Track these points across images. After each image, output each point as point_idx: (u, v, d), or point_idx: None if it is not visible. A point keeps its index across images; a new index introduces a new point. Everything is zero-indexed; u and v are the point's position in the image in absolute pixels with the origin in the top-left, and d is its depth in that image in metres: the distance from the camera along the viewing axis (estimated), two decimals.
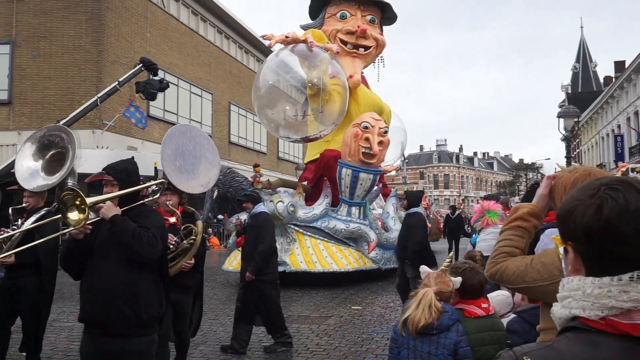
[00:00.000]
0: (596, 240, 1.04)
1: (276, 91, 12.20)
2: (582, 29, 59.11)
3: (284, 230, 10.91)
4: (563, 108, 16.50)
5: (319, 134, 11.86)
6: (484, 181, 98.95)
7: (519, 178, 70.65)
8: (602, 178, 1.13)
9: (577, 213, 1.07)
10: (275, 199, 10.58)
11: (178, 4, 25.13)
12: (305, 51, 11.35)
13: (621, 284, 1.02)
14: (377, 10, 13.60)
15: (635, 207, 1.01)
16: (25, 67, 19.38)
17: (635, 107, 30.18)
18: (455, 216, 18.51)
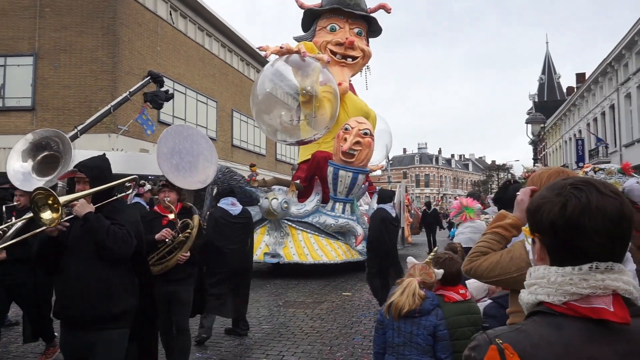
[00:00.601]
0: (560, 234, 1.06)
1: (272, 98, 12.04)
2: (547, 44, 59.72)
3: (278, 225, 10.83)
4: (530, 115, 16.59)
5: (312, 137, 11.79)
6: (460, 180, 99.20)
7: (492, 177, 70.93)
8: (568, 178, 1.14)
9: (544, 209, 1.08)
10: (270, 196, 10.48)
11: (186, 20, 25.02)
12: (299, 61, 11.27)
13: (582, 273, 1.03)
14: (364, 23, 13.56)
15: (595, 205, 1.03)
16: (47, 77, 19.26)
17: (594, 115, 30.35)
18: (432, 211, 18.40)
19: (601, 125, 29.33)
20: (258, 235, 10.80)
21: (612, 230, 1.03)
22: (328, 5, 12.99)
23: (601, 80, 28.59)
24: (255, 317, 7.17)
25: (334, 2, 12.89)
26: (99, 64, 19.24)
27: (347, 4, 12.93)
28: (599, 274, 1.03)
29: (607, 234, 1.03)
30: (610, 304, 1.01)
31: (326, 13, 13.11)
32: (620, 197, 1.06)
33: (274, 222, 10.79)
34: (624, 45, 23.85)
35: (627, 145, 24.65)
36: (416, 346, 2.65)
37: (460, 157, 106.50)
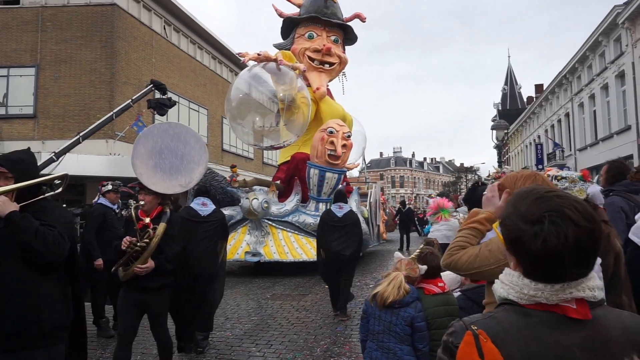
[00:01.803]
0: (540, 265, 1.06)
1: (247, 103, 11.42)
2: (509, 58, 60.23)
3: (259, 225, 10.40)
4: (495, 122, 16.77)
5: (282, 144, 11.37)
6: (432, 181, 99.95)
7: (461, 179, 71.56)
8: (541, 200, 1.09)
9: (524, 242, 1.06)
10: (251, 196, 10.01)
11: (179, 34, 24.82)
12: (275, 69, 10.90)
13: (553, 290, 1.05)
14: (340, 31, 13.35)
15: (573, 240, 1.02)
16: (48, 86, 18.92)
17: (551, 122, 30.88)
18: (406, 210, 17.96)
19: (558, 131, 29.85)
20: (239, 234, 10.49)
21: (587, 259, 1.05)
22: (306, 14, 12.78)
23: (557, 91, 29.10)
24: (245, 309, 7.14)
25: (312, 11, 12.69)
26: (97, 74, 18.97)
27: (325, 13, 12.71)
28: (568, 289, 1.05)
29: (584, 263, 1.05)
30: (573, 303, 1.05)
31: (304, 21, 12.89)
32: (594, 222, 1.05)
33: (254, 221, 10.36)
34: (577, 60, 24.32)
35: (581, 149, 25.13)
36: (394, 335, 2.67)
37: (432, 160, 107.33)
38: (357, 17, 13.35)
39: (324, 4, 12.61)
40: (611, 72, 20.66)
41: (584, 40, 23.11)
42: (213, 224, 4.99)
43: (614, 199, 3.29)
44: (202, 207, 5.06)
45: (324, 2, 12.62)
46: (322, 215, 7.01)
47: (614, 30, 20.05)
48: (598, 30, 21.08)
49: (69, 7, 19.45)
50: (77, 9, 19.40)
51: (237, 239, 10.43)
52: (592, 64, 23.15)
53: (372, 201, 13.64)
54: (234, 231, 10.43)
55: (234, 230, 10.45)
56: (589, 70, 23.74)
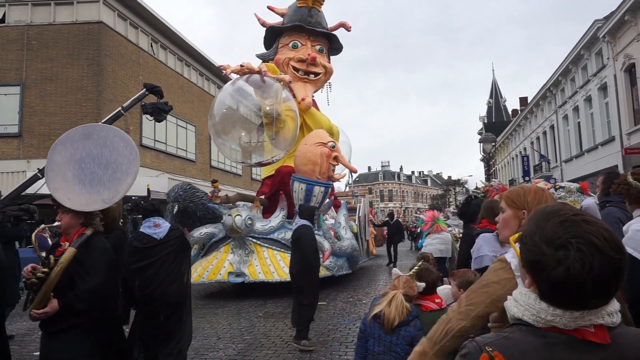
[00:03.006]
0: (560, 292, 1.01)
1: (231, 118, 10.80)
2: (494, 72, 61.54)
3: (243, 243, 9.67)
4: (483, 135, 16.95)
5: (271, 159, 10.80)
6: (420, 195, 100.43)
7: (449, 192, 72.01)
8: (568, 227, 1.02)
9: (544, 266, 1.01)
10: (234, 213, 9.33)
11: (166, 52, 24.83)
12: (259, 81, 10.41)
13: (572, 317, 1.01)
14: (325, 41, 12.95)
15: (598, 272, 0.96)
16: (34, 105, 18.74)
17: (537, 134, 31.29)
18: (394, 222, 17.23)
19: (543, 143, 30.24)
20: (222, 253, 9.81)
21: (610, 288, 1.01)
22: (290, 23, 12.34)
23: (542, 104, 29.56)
24: (237, 328, 7.01)
25: (296, 20, 12.25)
26: (83, 92, 18.84)
27: (309, 21, 12.29)
28: (588, 316, 1.01)
29: (606, 293, 1.01)
30: (592, 327, 1.01)
31: (288, 30, 12.45)
32: (621, 253, 1.00)
33: (238, 239, 9.65)
34: (560, 73, 24.78)
35: (566, 160, 25.45)
36: (395, 355, 2.61)
37: (420, 174, 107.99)
38: (342, 26, 12.99)
39: (308, 12, 12.25)
40: (594, 84, 21.06)
41: (566, 54, 23.58)
42: (173, 245, 4.12)
43: (611, 210, 3.30)
44: (154, 229, 4.17)
45: (308, 11, 12.25)
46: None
47: (595, 44, 20.49)
48: (580, 44, 21.53)
49: (55, 25, 19.39)
50: (63, 27, 19.34)
51: (219, 258, 9.73)
52: (575, 76, 23.60)
53: (361, 216, 13.43)
54: (215, 250, 9.96)
55: (215, 250, 9.98)
56: (572, 83, 24.18)
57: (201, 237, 10.12)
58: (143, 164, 20.95)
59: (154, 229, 4.16)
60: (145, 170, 20.59)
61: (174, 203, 9.91)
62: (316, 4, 12.38)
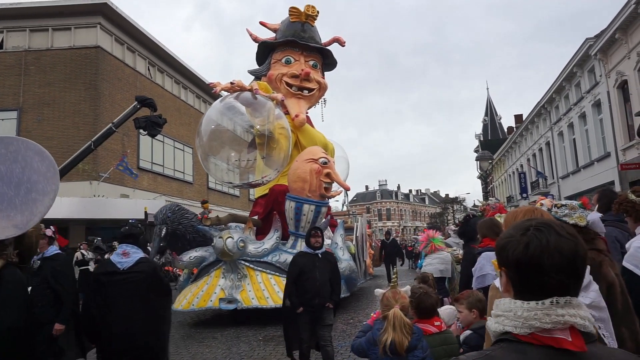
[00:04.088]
0: (523, 270, 1.11)
1: (220, 136, 10.23)
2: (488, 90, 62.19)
3: (235, 267, 9.12)
4: (480, 153, 17.02)
5: (261, 180, 10.30)
6: (418, 213, 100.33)
7: (447, 210, 72.01)
8: (532, 219, 1.20)
9: (510, 247, 1.14)
10: (225, 235, 8.79)
11: (163, 75, 25.06)
12: (250, 99, 9.98)
13: (544, 308, 1.09)
14: (319, 56, 12.62)
15: (554, 245, 1.09)
16: (31, 129, 18.80)
17: (533, 151, 31.48)
18: (391, 241, 16.81)
19: (539, 160, 30.40)
20: (212, 279, 9.29)
21: (568, 267, 1.09)
22: (282, 38, 12.01)
23: (537, 121, 29.82)
24: (236, 352, 6.93)
25: (289, 35, 11.94)
26: (81, 116, 18.94)
27: (302, 36, 11.98)
28: (559, 309, 1.08)
29: (563, 271, 1.09)
30: (569, 335, 1.08)
31: (281, 46, 12.10)
32: (576, 238, 1.13)
33: (229, 263, 9.10)
34: (554, 90, 25.07)
35: (563, 177, 25.56)
36: None
37: (417, 192, 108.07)
38: (336, 41, 12.70)
39: (301, 27, 11.99)
40: (587, 101, 21.30)
41: (559, 72, 23.90)
42: (137, 279, 3.68)
43: (608, 229, 3.31)
44: (122, 257, 3.78)
45: (301, 26, 11.99)
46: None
47: (588, 61, 20.79)
48: (572, 62, 21.84)
49: (52, 51, 19.59)
50: (60, 52, 19.55)
51: (210, 283, 9.19)
52: (568, 94, 23.87)
53: (359, 235, 13.11)
54: (206, 275, 9.46)
55: (206, 274, 9.48)
56: (566, 100, 24.45)
57: (191, 261, 9.66)
58: (140, 186, 20.96)
59: (121, 257, 3.81)
60: (142, 193, 20.59)
61: (161, 225, 9.43)
62: (309, 19, 12.15)
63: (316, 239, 5.37)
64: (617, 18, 16.87)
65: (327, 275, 5.29)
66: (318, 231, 5.47)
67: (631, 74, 17.02)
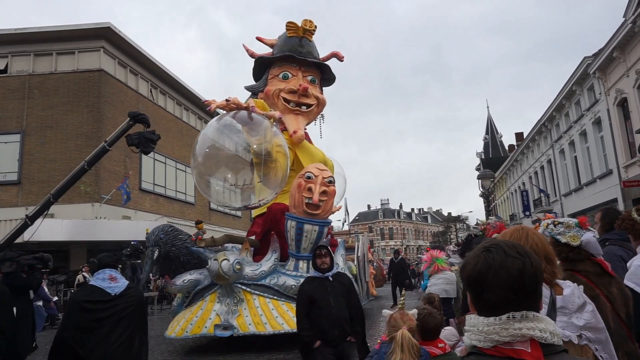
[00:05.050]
0: (473, 287, 1.22)
1: (216, 156, 9.90)
2: (488, 108, 62.50)
3: (231, 290, 8.66)
4: (481, 171, 17.05)
5: (257, 203, 9.93)
6: (421, 232, 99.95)
7: (450, 228, 71.73)
8: (487, 241, 1.30)
9: (465, 267, 1.26)
10: (220, 257, 8.34)
11: (165, 97, 25.31)
12: (246, 118, 9.65)
13: (502, 322, 1.17)
14: (317, 71, 12.28)
15: (499, 264, 1.18)
16: (34, 152, 18.94)
17: (534, 168, 31.52)
18: (399, 260, 16.23)
19: (541, 177, 30.41)
20: (207, 303, 8.84)
21: (514, 284, 1.17)
22: (280, 53, 11.71)
23: (537, 139, 29.93)
24: None
25: (286, 50, 11.64)
26: (83, 138, 19.08)
27: (300, 51, 11.69)
28: (516, 323, 1.16)
29: (509, 288, 1.17)
30: (528, 347, 1.15)
31: (278, 61, 11.80)
32: (523, 257, 1.20)
33: (225, 287, 8.66)
34: (554, 108, 25.23)
35: (566, 194, 25.52)
36: None
37: (420, 211, 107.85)
38: (335, 55, 12.37)
39: (298, 42, 11.71)
40: (588, 119, 21.41)
41: (559, 90, 24.08)
42: (130, 306, 3.54)
43: (612, 248, 3.30)
44: (109, 282, 3.61)
45: (299, 41, 11.71)
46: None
47: (587, 80, 20.97)
48: (571, 80, 22.03)
49: (56, 74, 19.85)
50: (64, 76, 19.80)
51: (204, 309, 8.70)
52: (568, 112, 24.02)
53: (360, 255, 12.83)
54: (200, 299, 9.04)
55: (200, 299, 9.06)
56: (566, 118, 24.58)
57: (184, 284, 9.19)
58: (142, 207, 20.98)
59: (109, 282, 3.64)
60: (144, 215, 20.60)
61: (153, 248, 9.06)
62: (307, 34, 11.88)
63: (322, 260, 4.67)
64: (615, 37, 17.08)
65: (344, 301, 4.54)
66: (324, 250, 4.74)
67: (631, 91, 17.14)
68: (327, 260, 4.64)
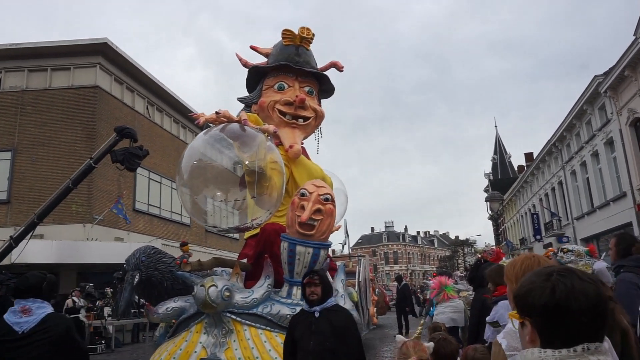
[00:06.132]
0: (551, 316, 1.18)
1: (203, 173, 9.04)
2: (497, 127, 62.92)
3: (219, 320, 8.06)
4: (489, 193, 17.08)
5: (251, 224, 9.17)
6: (427, 256, 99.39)
7: (457, 252, 71.36)
8: (551, 266, 1.30)
9: (535, 293, 1.21)
10: (207, 283, 7.67)
11: (162, 114, 25.54)
12: (238, 132, 8.98)
13: (577, 355, 1.14)
14: (315, 82, 11.62)
15: (579, 289, 1.17)
16: (25, 170, 19.04)
17: (545, 190, 31.51)
18: (402, 286, 15.84)
19: (552, 199, 30.38)
20: (193, 334, 8.25)
21: (593, 310, 1.16)
22: (275, 62, 11.15)
23: (548, 159, 30.00)
24: None
25: (282, 59, 11.01)
26: (76, 156, 19.18)
27: (296, 61, 11.11)
28: (590, 355, 1.13)
29: (590, 314, 1.16)
30: None
31: (273, 71, 11.24)
32: (596, 282, 1.22)
33: (213, 316, 8.03)
34: (564, 128, 25.36)
35: (578, 217, 25.46)
36: None
37: (426, 234, 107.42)
38: (334, 65, 11.81)
39: (295, 51, 11.10)
40: (599, 139, 21.50)
41: (569, 109, 24.25)
42: (42, 345, 3.05)
43: (626, 275, 3.29)
44: (20, 316, 3.12)
45: (295, 49, 11.11)
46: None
47: (598, 99, 21.14)
48: (582, 99, 22.21)
49: (50, 91, 20.08)
50: (58, 92, 20.03)
51: (189, 340, 8.10)
52: (579, 131, 24.13)
53: (361, 280, 12.48)
54: (185, 330, 8.37)
55: (185, 329, 8.38)
56: (577, 138, 24.68)
57: (168, 313, 8.56)
58: (135, 229, 20.98)
59: (19, 315, 3.12)
60: (138, 236, 20.58)
61: (134, 272, 8.41)
62: (304, 42, 11.56)
63: (312, 289, 3.98)
64: (626, 55, 17.29)
65: (329, 346, 3.65)
66: (315, 277, 4.09)
67: None
68: (317, 290, 3.92)
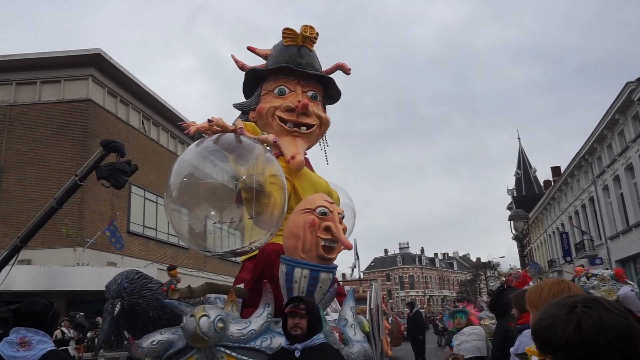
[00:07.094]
0: (576, 353, 1.13)
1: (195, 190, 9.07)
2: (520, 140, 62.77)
3: (211, 355, 8.29)
4: (513, 211, 16.90)
5: (249, 247, 9.14)
6: (446, 280, 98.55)
7: (479, 276, 70.65)
8: (574, 296, 1.25)
9: (556, 328, 1.16)
10: (198, 313, 7.77)
11: (158, 129, 25.69)
12: (234, 142, 9.00)
13: None
14: (319, 86, 11.64)
15: (607, 323, 1.12)
16: (12, 190, 19.13)
17: (575, 207, 31.18)
18: (414, 313, 15.63)
19: (583, 217, 30.03)
20: None
21: (623, 346, 1.12)
22: (275, 64, 11.27)
23: (577, 174, 29.75)
24: None
25: (283, 61, 11.00)
26: (67, 175, 19.17)
27: (299, 62, 10.87)
28: None
29: (619, 350, 1.12)
30: None
31: (273, 74, 11.23)
32: (626, 313, 1.17)
33: (204, 350, 7.89)
34: (594, 139, 25.17)
35: (612, 237, 25.10)
36: None
37: (444, 256, 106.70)
38: (340, 68, 11.54)
39: (297, 52, 10.77)
40: (634, 151, 21.28)
41: (599, 119, 24.09)
42: None
43: None
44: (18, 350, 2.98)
45: (297, 50, 10.89)
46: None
47: (630, 107, 20.98)
48: (613, 108, 22.06)
49: (39, 105, 20.27)
50: (48, 107, 20.21)
51: None
52: (611, 143, 23.93)
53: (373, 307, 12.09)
54: None
55: None
56: (609, 150, 24.47)
57: (153, 347, 8.13)
58: (130, 253, 20.94)
59: (17, 349, 2.97)
60: (132, 261, 20.51)
61: (115, 300, 8.30)
62: (307, 42, 11.23)
63: (295, 321, 3.61)
64: None
65: None
66: (300, 306, 3.69)
67: None
68: (302, 323, 3.53)
